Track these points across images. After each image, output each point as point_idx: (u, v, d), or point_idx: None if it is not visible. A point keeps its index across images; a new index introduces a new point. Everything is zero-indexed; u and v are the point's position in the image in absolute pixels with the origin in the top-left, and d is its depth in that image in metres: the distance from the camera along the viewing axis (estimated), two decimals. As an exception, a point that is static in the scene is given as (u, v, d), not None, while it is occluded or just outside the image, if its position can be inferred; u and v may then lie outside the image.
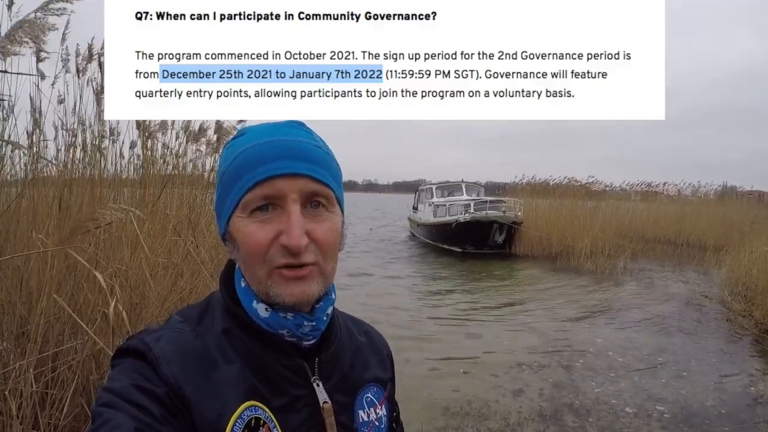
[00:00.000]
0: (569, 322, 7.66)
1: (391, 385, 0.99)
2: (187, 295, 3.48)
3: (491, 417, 4.39)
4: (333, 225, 0.78)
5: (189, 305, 0.88)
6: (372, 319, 6.66)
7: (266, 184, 0.74)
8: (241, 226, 0.76)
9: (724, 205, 18.81)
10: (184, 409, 0.70)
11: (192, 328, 0.79)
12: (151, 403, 0.67)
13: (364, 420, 0.88)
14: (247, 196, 0.75)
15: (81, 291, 2.60)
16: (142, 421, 0.65)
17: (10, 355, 2.36)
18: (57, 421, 2.30)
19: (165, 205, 3.78)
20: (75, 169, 3.22)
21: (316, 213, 0.77)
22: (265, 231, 0.74)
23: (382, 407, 0.92)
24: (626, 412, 4.52)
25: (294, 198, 0.74)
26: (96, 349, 2.46)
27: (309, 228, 0.75)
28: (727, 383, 5.19)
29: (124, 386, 0.68)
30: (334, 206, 0.80)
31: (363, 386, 0.90)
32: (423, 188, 21.53)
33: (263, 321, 0.78)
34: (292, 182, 0.74)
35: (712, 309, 8.34)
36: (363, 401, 0.89)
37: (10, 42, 1.68)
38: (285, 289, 0.74)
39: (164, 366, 0.71)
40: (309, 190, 0.76)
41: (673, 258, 14.87)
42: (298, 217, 0.74)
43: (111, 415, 0.65)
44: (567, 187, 18.08)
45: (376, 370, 0.95)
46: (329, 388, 0.83)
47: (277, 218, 0.74)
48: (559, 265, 13.37)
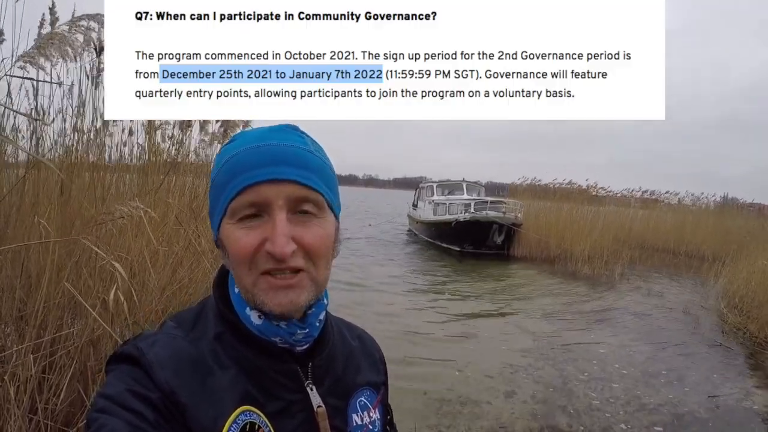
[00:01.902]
0: (564, 327, 7.67)
1: (384, 388, 0.99)
2: (186, 284, 3.48)
3: (483, 417, 4.41)
4: (323, 231, 0.77)
5: (183, 310, 0.87)
6: (366, 317, 6.69)
7: (252, 191, 0.73)
8: (229, 232, 0.75)
9: (723, 217, 18.80)
10: (178, 414, 0.70)
11: (186, 334, 0.79)
12: (146, 408, 0.68)
13: (357, 424, 0.88)
14: (234, 203, 0.74)
15: (81, 277, 2.60)
16: (137, 426, 0.66)
17: (9, 339, 2.37)
18: (54, 406, 2.31)
19: (167, 193, 3.78)
20: (78, 154, 3.21)
21: (304, 219, 0.76)
22: (250, 237, 0.73)
23: (375, 411, 0.93)
24: (617, 418, 4.54)
25: (280, 204, 0.73)
26: (95, 335, 2.47)
27: (297, 234, 0.74)
28: (721, 395, 5.20)
29: (119, 392, 0.69)
30: (325, 211, 0.79)
31: (356, 390, 0.91)
32: (424, 186, 21.52)
33: (256, 328, 0.78)
34: (279, 188, 0.73)
35: (708, 320, 8.35)
36: (356, 405, 0.89)
37: (39, 54, 1.69)
38: (273, 299, 0.74)
39: (158, 371, 0.71)
40: (296, 196, 0.75)
41: (671, 267, 14.88)
42: (283, 224, 0.73)
43: (106, 421, 0.65)
44: (568, 190, 18.06)
45: (368, 374, 0.95)
46: (323, 393, 0.83)
47: (264, 225, 0.74)
48: (556, 269, 13.38)
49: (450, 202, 17.49)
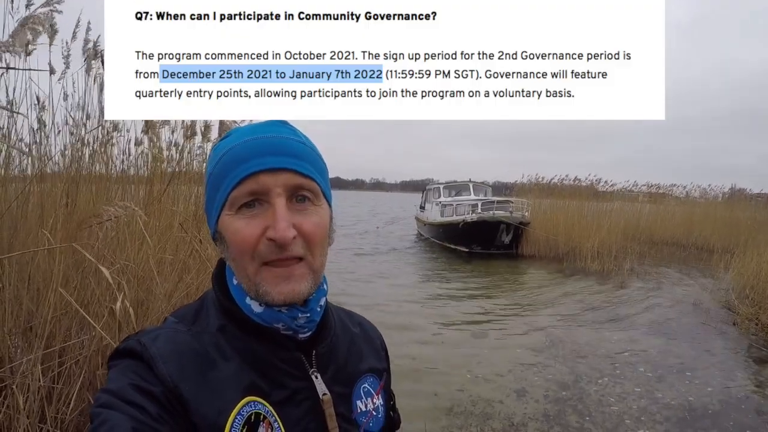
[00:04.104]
0: (574, 323, 7.64)
1: (387, 374, 1.00)
2: (193, 291, 3.49)
3: (495, 417, 4.39)
4: (320, 219, 0.79)
5: (183, 306, 0.89)
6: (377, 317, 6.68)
7: (251, 180, 0.75)
8: (229, 223, 0.77)
9: (732, 208, 18.66)
10: (181, 408, 0.70)
11: (188, 328, 0.80)
12: (149, 402, 0.68)
13: (362, 410, 0.89)
14: (233, 194, 0.76)
15: (88, 287, 2.62)
16: (140, 420, 0.66)
17: (18, 350, 2.39)
18: (63, 415, 2.32)
19: (172, 201, 3.80)
20: (82, 165, 3.24)
21: (302, 207, 0.78)
22: (252, 227, 0.75)
23: (378, 397, 0.94)
24: (630, 414, 4.50)
25: (278, 192, 0.75)
26: (103, 344, 2.48)
27: (296, 222, 0.76)
28: (732, 388, 5.15)
29: (121, 386, 0.69)
30: (321, 199, 0.81)
31: (359, 377, 0.92)
32: (430, 188, 21.51)
33: (258, 316, 0.79)
34: (277, 177, 0.76)
35: (719, 312, 8.27)
36: (360, 391, 0.91)
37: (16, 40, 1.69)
38: (275, 288, 0.75)
39: (161, 365, 0.72)
40: (293, 184, 0.77)
41: (681, 260, 14.76)
42: (284, 210, 0.75)
43: (109, 416, 0.65)
44: (574, 187, 18.00)
45: (371, 361, 0.97)
46: (327, 380, 0.84)
47: (264, 213, 0.75)
48: (565, 266, 13.31)
49: (457, 203, 17.48)
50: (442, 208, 18.03)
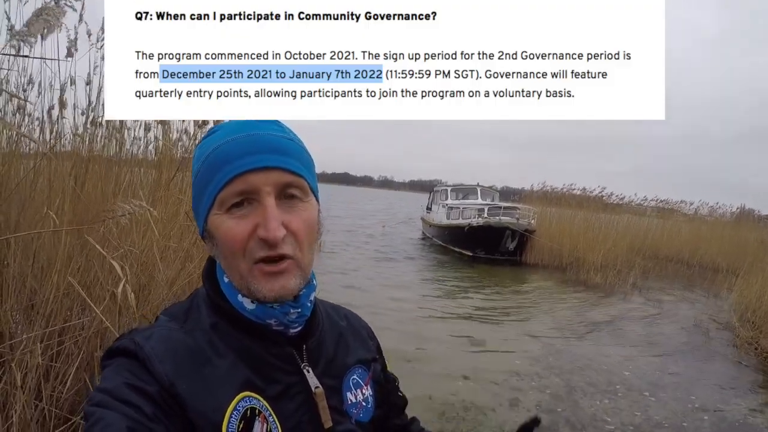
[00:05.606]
0: (573, 335, 7.62)
1: (376, 363, 1.02)
2: (195, 280, 3.50)
3: (486, 424, 4.39)
4: (309, 215, 0.80)
5: (173, 304, 0.89)
6: (376, 319, 6.66)
7: (240, 180, 0.76)
8: (219, 223, 0.78)
9: (740, 228, 18.50)
10: (177, 406, 0.71)
11: (180, 326, 0.80)
12: (144, 401, 0.68)
13: (352, 401, 0.91)
14: (222, 193, 0.77)
15: (91, 269, 2.64)
16: (134, 419, 0.66)
17: (18, 326, 2.41)
18: (60, 393, 2.35)
19: (179, 189, 3.81)
20: (94, 146, 3.25)
21: (291, 204, 0.79)
22: (242, 226, 0.76)
23: (367, 387, 0.96)
24: (622, 430, 4.49)
25: (268, 191, 0.76)
26: (102, 326, 2.50)
27: (285, 219, 0.76)
28: (727, 411, 5.12)
29: (116, 385, 0.69)
30: (309, 196, 0.82)
31: (348, 369, 0.93)
32: (438, 189, 21.49)
33: (250, 313, 0.80)
34: (266, 175, 0.76)
35: (720, 334, 8.22)
36: (350, 383, 0.92)
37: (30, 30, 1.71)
38: (265, 285, 0.76)
39: (156, 364, 0.72)
40: (283, 182, 0.77)
41: (685, 278, 14.64)
42: (274, 209, 0.75)
43: (103, 414, 0.65)
44: (582, 197, 17.89)
45: (359, 352, 0.98)
46: (318, 374, 0.85)
47: (254, 212, 0.76)
48: (568, 277, 13.25)
49: (464, 206, 17.44)
50: (449, 210, 18.01)
